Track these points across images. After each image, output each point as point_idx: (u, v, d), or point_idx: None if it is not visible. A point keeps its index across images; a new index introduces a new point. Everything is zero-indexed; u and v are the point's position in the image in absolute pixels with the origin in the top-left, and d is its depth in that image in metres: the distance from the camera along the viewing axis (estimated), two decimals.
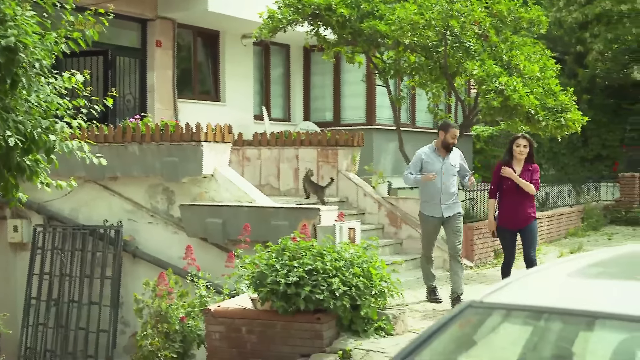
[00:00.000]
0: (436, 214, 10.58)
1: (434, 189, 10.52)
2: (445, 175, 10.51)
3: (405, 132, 17.64)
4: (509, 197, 10.31)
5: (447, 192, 10.52)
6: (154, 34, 17.43)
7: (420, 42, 14.04)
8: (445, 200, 10.52)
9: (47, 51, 6.22)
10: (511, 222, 10.35)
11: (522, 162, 10.34)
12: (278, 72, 21.13)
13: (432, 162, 10.55)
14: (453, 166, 10.58)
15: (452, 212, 10.58)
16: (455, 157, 10.65)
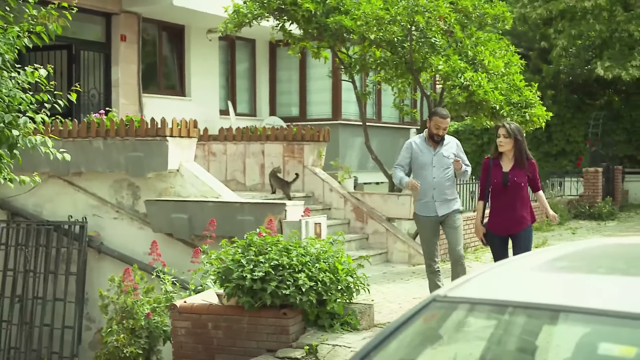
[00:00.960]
0: (430, 213, 9.61)
1: (425, 184, 9.53)
2: (437, 168, 9.56)
3: (371, 127, 17.67)
4: (497, 197, 9.03)
5: (441, 186, 9.56)
6: (118, 28, 17.31)
7: (386, 37, 14.05)
8: (438, 197, 9.57)
9: (10, 45, 6.17)
10: (500, 226, 9.02)
11: (511, 156, 8.97)
12: (244, 67, 21.09)
13: (422, 153, 9.62)
14: (446, 158, 9.56)
15: (449, 210, 9.62)
16: (450, 148, 9.65)
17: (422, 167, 9.59)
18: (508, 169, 8.93)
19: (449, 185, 9.65)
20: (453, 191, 9.76)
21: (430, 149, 9.62)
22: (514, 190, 8.90)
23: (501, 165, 8.98)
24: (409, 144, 9.81)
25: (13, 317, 12.68)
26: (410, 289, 11.26)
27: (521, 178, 8.91)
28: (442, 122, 9.53)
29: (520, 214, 8.95)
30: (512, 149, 8.93)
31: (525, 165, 8.91)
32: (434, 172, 9.58)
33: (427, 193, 9.59)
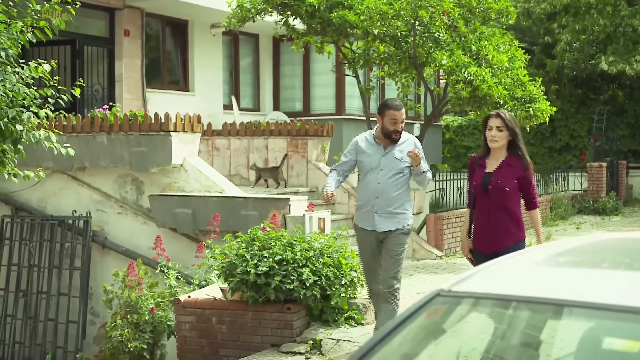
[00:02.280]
0: (368, 226, 7.71)
1: (367, 190, 7.74)
2: (384, 173, 7.67)
3: (375, 122, 17.64)
4: (478, 205, 7.18)
5: (386, 195, 7.63)
6: (121, 23, 17.31)
7: (390, 32, 14.04)
8: (380, 207, 7.64)
9: (13, 40, 6.17)
10: (482, 241, 7.15)
11: (502, 152, 7.11)
12: (247, 62, 21.08)
13: (369, 153, 7.79)
14: (398, 160, 7.69)
15: (391, 227, 7.64)
16: (405, 149, 7.71)
17: (368, 171, 7.78)
18: (492, 170, 7.05)
19: (398, 195, 7.69)
20: (403, 203, 7.75)
21: (380, 149, 7.78)
22: (496, 197, 6.99)
23: (486, 165, 7.13)
24: (355, 142, 8.02)
25: (17, 311, 12.70)
26: (414, 283, 11.26)
27: (506, 181, 6.99)
28: (398, 115, 7.71)
29: (506, 227, 7.05)
30: (505, 144, 7.06)
31: (527, 166, 7.11)
32: (379, 176, 7.70)
33: (367, 201, 7.74)
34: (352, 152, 7.93)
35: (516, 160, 7.06)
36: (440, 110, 15.98)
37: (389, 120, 7.70)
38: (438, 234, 14.59)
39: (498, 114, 7.05)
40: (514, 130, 7.02)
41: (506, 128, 6.98)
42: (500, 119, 6.99)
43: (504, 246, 6.86)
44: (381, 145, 7.79)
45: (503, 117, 6.98)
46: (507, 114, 7.06)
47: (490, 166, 7.08)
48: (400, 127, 7.73)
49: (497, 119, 7.00)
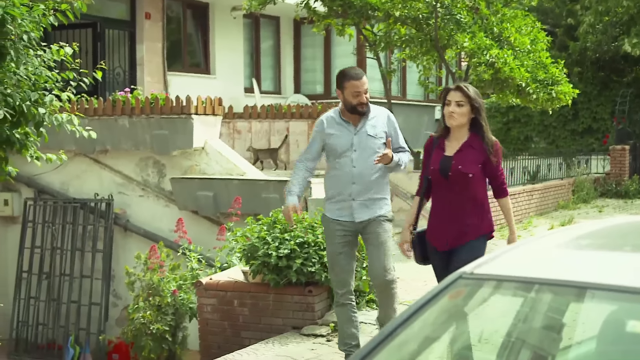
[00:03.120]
0: (344, 217, 6.75)
1: (341, 175, 6.73)
2: (359, 154, 6.68)
3: (396, 104, 17.61)
4: (436, 193, 6.17)
5: (364, 180, 6.68)
6: (142, 6, 17.32)
7: (411, 14, 13.99)
8: (359, 194, 6.68)
9: (35, 23, 6.18)
10: (439, 236, 6.11)
11: (463, 132, 6.06)
12: (268, 45, 21.06)
13: (338, 134, 6.75)
14: (373, 137, 6.72)
15: (371, 214, 6.73)
16: (378, 124, 6.78)
17: (339, 154, 6.73)
18: (453, 153, 6.03)
19: (377, 178, 6.75)
20: (383, 187, 6.84)
21: (349, 127, 6.76)
22: (459, 185, 5.98)
23: (445, 147, 6.10)
24: (320, 123, 6.91)
25: (41, 293, 12.80)
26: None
27: (470, 167, 5.97)
28: (359, 85, 6.66)
29: (469, 220, 6.02)
30: (467, 123, 6.03)
31: (490, 150, 6.01)
32: (354, 158, 6.70)
33: (343, 189, 6.73)
34: (318, 136, 6.87)
35: (480, 141, 6.02)
36: None
37: (350, 93, 6.65)
38: None
39: (458, 86, 6.03)
40: (476, 105, 5.98)
41: (467, 102, 5.95)
42: (461, 92, 5.95)
43: (465, 241, 5.99)
44: (350, 123, 6.75)
45: (464, 90, 5.95)
46: (469, 87, 6.03)
47: (450, 148, 6.04)
48: (364, 98, 6.67)
49: (457, 92, 5.97)
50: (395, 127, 6.91)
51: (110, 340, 12.22)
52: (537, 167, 19.81)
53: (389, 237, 6.87)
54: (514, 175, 18.06)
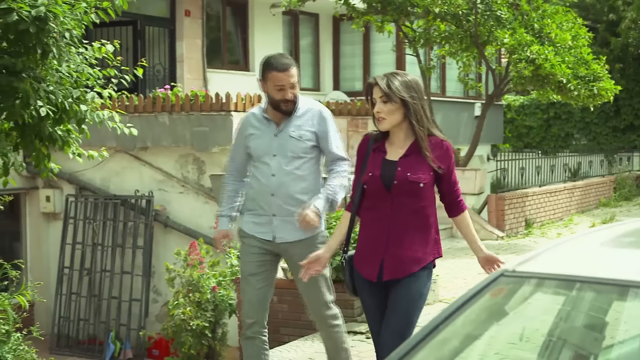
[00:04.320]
0: (263, 234, 5.61)
1: (259, 185, 5.60)
2: (279, 159, 5.54)
3: (436, 101, 17.54)
4: (372, 209, 4.81)
5: (285, 192, 5.51)
6: (182, 3, 17.40)
7: (451, 10, 13.93)
8: (281, 210, 5.53)
9: (77, 21, 6.22)
10: (373, 264, 4.75)
11: (406, 133, 4.77)
12: (307, 42, 21.07)
13: (258, 134, 5.64)
14: (296, 139, 5.55)
15: (298, 236, 5.53)
16: (307, 124, 5.59)
17: (258, 159, 5.62)
18: (398, 157, 4.75)
19: (303, 188, 5.55)
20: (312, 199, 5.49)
21: (270, 127, 5.62)
22: (405, 197, 4.69)
23: (386, 150, 4.81)
24: (243, 120, 5.84)
25: (82, 289, 12.91)
26: (475, 264, 11.11)
27: (420, 174, 4.68)
28: (284, 78, 5.51)
29: (414, 244, 4.71)
30: (401, 122, 4.74)
31: (426, 152, 4.69)
32: (273, 165, 5.54)
33: (261, 201, 5.60)
34: (239, 138, 5.78)
35: (434, 143, 4.77)
36: (502, 89, 15.85)
37: (273, 86, 5.53)
38: (499, 214, 14.48)
39: (375, 80, 4.80)
40: (404, 100, 4.69)
41: (393, 97, 4.69)
42: (379, 87, 4.73)
43: (407, 272, 4.70)
44: (272, 122, 5.62)
45: (380, 84, 4.73)
46: (394, 78, 4.76)
47: (393, 152, 4.77)
48: (289, 95, 5.51)
49: (376, 87, 4.75)
50: (327, 128, 5.61)
51: (150, 336, 12.30)
52: (578, 164, 19.67)
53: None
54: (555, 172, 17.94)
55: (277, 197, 5.50)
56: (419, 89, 4.77)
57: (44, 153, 6.57)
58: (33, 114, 6.00)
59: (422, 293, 4.79)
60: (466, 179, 14.18)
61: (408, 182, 4.66)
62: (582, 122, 25.42)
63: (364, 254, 4.77)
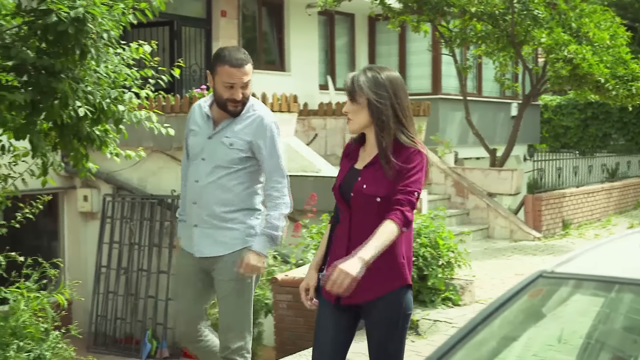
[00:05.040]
0: (188, 248, 5.12)
1: (185, 191, 5.21)
2: (206, 165, 5.00)
3: (472, 101, 17.47)
4: (340, 225, 4.26)
5: (206, 201, 4.97)
6: (218, 3, 17.46)
7: (487, 10, 13.88)
8: (201, 220, 5.00)
9: (115, 22, 6.26)
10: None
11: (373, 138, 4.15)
12: (343, 42, 21.06)
13: (195, 131, 5.13)
14: (226, 147, 4.96)
15: (218, 251, 4.99)
16: (242, 129, 4.98)
17: (191, 160, 5.15)
18: (362, 166, 4.20)
19: (223, 201, 4.97)
20: (237, 214, 5.02)
21: (209, 125, 5.06)
22: (363, 212, 4.12)
23: (358, 156, 4.28)
24: (191, 112, 5.29)
25: (119, 288, 12.99)
26: (512, 265, 11.14)
27: (379, 186, 4.08)
28: (237, 75, 4.87)
29: (373, 271, 3.93)
30: (371, 124, 4.15)
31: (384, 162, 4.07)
32: (199, 170, 5.02)
33: (186, 210, 5.17)
34: (186, 128, 5.26)
35: (401, 150, 4.10)
36: (539, 89, 15.75)
37: (222, 82, 4.89)
38: (536, 214, 14.39)
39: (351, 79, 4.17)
40: (370, 99, 4.10)
41: (359, 97, 4.14)
42: (346, 84, 4.19)
43: (371, 296, 4.12)
44: (211, 121, 5.03)
45: (348, 80, 4.18)
46: (362, 77, 4.14)
47: (362, 160, 4.24)
48: (239, 95, 4.88)
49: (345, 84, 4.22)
50: (265, 139, 4.96)
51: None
52: (616, 164, 19.50)
53: (244, 288, 5.00)
54: (593, 172, 17.81)
55: (198, 206, 4.97)
56: (393, 88, 4.11)
57: (82, 153, 6.63)
58: (71, 114, 6.05)
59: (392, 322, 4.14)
60: (502, 179, 14.12)
61: (363, 196, 4.09)
62: (620, 122, 25.18)
63: (328, 273, 3.97)
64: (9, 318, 6.63)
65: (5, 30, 6.12)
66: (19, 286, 6.73)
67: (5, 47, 5.93)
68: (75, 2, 5.77)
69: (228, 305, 4.96)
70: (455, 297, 8.44)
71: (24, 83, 5.92)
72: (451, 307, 8.34)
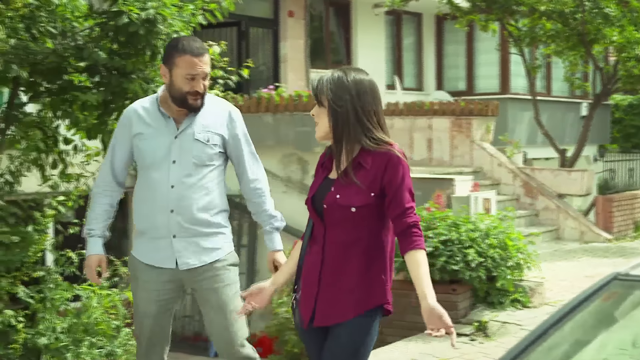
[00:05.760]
0: (163, 262, 4.63)
1: (153, 199, 4.57)
2: (180, 167, 4.56)
3: (541, 101, 17.28)
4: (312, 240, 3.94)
5: (187, 205, 4.55)
6: (286, 4, 17.53)
7: (557, 8, 13.72)
8: (182, 229, 4.56)
9: (185, 23, 6.32)
10: (304, 306, 3.85)
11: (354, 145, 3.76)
12: (410, 41, 20.99)
13: (149, 134, 4.60)
14: (202, 144, 4.61)
15: (204, 259, 4.65)
16: (213, 123, 4.68)
17: (150, 165, 4.60)
18: (336, 176, 3.80)
19: (208, 203, 4.64)
20: (217, 217, 4.72)
21: (169, 126, 4.61)
22: (338, 225, 3.75)
23: (334, 165, 3.83)
24: (128, 116, 4.69)
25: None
26: (582, 267, 10.98)
27: (354, 197, 3.70)
28: (199, 64, 4.51)
29: (348, 283, 3.74)
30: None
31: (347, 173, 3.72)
32: (172, 174, 4.56)
33: (158, 219, 4.57)
34: (125, 135, 4.67)
35: (377, 156, 3.77)
36: (610, 88, 15.53)
37: (183, 75, 4.49)
38: (607, 216, 14.17)
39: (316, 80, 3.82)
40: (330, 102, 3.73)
41: (324, 100, 3.75)
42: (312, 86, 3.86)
43: (339, 319, 3.75)
44: (171, 119, 4.60)
45: (314, 82, 3.82)
46: (331, 76, 3.78)
47: (335, 170, 3.82)
48: (201, 87, 4.54)
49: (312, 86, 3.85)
50: (238, 133, 4.78)
51: (254, 334, 12.39)
52: None
53: (236, 294, 4.75)
54: None
55: (177, 213, 4.52)
56: (357, 90, 3.77)
57: None
58: None
59: (358, 347, 3.79)
60: (572, 180, 13.94)
61: (337, 207, 3.73)
62: None
63: (301, 293, 3.85)
64: (82, 315, 6.74)
65: (78, 32, 6.23)
66: (91, 284, 6.84)
67: (78, 48, 6.04)
68: (146, 4, 5.84)
69: (223, 314, 4.70)
70: (525, 298, 8.35)
71: (96, 84, 6.01)
72: (520, 309, 8.25)
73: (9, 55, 5.73)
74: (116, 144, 4.69)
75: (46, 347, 5.71)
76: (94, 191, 4.76)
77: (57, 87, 6.32)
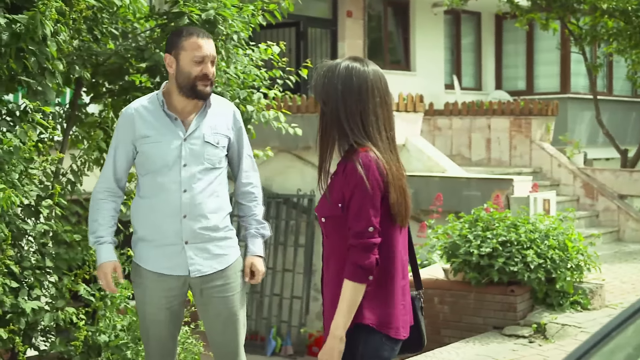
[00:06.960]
0: (173, 270, 4.43)
1: (162, 204, 4.37)
2: (191, 170, 4.37)
3: (602, 100, 17.07)
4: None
5: (199, 211, 4.39)
6: (344, 4, 17.54)
7: (619, 6, 13.54)
8: (194, 235, 4.38)
9: (245, 23, 6.35)
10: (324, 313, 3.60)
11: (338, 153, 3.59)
12: (469, 41, 20.87)
13: (156, 136, 4.37)
14: (212, 147, 4.44)
15: (217, 265, 4.46)
16: (220, 124, 4.49)
17: (159, 170, 4.39)
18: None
19: (215, 207, 4.48)
20: (225, 220, 4.57)
21: (177, 126, 4.40)
22: (324, 237, 3.59)
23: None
24: (128, 117, 4.44)
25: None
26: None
27: (324, 208, 3.52)
28: (206, 47, 4.35)
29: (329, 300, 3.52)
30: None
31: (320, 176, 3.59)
32: (184, 177, 4.37)
33: (167, 225, 4.38)
34: (128, 137, 4.43)
35: (341, 165, 3.55)
36: None
37: (190, 58, 4.32)
38: None
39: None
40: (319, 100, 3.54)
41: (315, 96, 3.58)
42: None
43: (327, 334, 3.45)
44: (178, 121, 4.39)
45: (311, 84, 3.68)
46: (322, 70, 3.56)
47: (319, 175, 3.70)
48: (210, 70, 4.35)
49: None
50: (241, 135, 4.61)
51: (310, 334, 12.45)
52: None
53: (242, 302, 4.58)
54: None
55: (189, 219, 4.35)
56: (343, 87, 3.54)
57: None
58: None
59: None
60: (635, 180, 13.76)
61: (319, 221, 3.58)
62: None
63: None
64: None
65: (139, 33, 6.29)
66: None
67: (139, 49, 6.10)
68: (206, 5, 5.88)
69: (229, 325, 4.52)
70: (585, 300, 8.25)
71: (157, 84, 6.06)
72: (580, 311, 8.16)
73: (72, 56, 5.81)
74: (118, 147, 4.47)
75: (106, 344, 5.77)
76: (96, 197, 4.50)
77: (119, 87, 6.40)
